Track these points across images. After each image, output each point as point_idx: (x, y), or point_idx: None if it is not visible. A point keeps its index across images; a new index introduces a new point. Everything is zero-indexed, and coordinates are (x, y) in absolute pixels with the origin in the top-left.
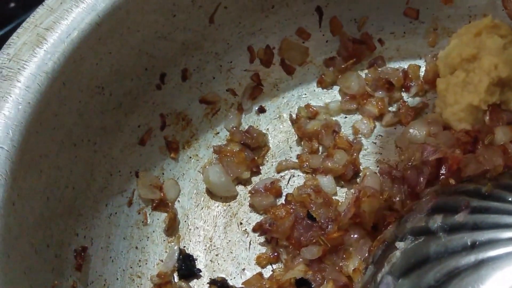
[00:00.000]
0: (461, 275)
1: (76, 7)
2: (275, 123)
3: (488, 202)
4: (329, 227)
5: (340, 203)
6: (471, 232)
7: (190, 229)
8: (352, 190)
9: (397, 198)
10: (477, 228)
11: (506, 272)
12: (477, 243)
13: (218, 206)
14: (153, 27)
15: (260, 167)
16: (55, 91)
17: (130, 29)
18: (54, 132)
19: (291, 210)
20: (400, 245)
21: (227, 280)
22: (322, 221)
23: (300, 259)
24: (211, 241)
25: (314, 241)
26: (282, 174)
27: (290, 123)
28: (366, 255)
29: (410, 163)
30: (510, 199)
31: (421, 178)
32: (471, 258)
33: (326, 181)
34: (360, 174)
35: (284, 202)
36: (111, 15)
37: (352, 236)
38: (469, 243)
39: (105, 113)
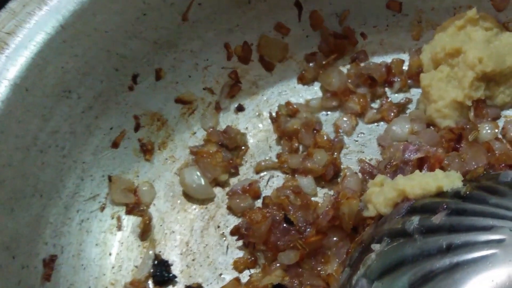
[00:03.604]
0: (436, 279)
1: (39, 10)
2: (254, 122)
3: (466, 204)
4: (307, 230)
5: (319, 204)
6: (447, 235)
7: (166, 233)
8: (331, 192)
9: None
10: (454, 231)
11: (482, 277)
12: (452, 245)
13: (195, 209)
14: (122, 27)
15: (239, 168)
16: (17, 98)
17: (97, 30)
18: (17, 140)
19: (267, 214)
20: (376, 247)
21: (203, 286)
22: (300, 225)
23: (278, 264)
24: (187, 246)
25: (291, 245)
26: (261, 174)
27: (270, 122)
28: (345, 257)
29: (390, 163)
30: (488, 201)
31: None
32: (446, 261)
33: (306, 182)
34: (341, 174)
35: (261, 206)
36: (76, 17)
37: (331, 239)
38: (444, 246)
39: (74, 117)
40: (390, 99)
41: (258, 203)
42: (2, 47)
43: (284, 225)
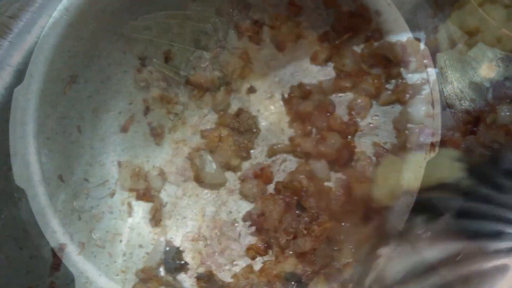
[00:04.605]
0: None
1: None
2: (266, 104)
3: (470, 203)
4: (320, 217)
5: (332, 190)
6: (454, 242)
7: (177, 219)
8: (343, 177)
9: None
10: (461, 237)
11: None
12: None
13: (206, 194)
14: (129, 8)
15: (251, 151)
16: (22, 85)
17: (103, 11)
18: (23, 129)
19: (280, 201)
20: (384, 251)
21: (215, 273)
22: (313, 211)
23: (291, 252)
24: (199, 232)
25: (304, 232)
26: (273, 158)
27: (282, 103)
28: (358, 244)
29: (404, 146)
30: (493, 199)
31: None
32: (456, 273)
33: (319, 166)
34: (355, 158)
35: (273, 191)
36: None
37: (344, 225)
38: (451, 255)
39: (81, 101)
40: (405, 80)
41: (271, 187)
42: (5, 31)
43: (297, 211)
